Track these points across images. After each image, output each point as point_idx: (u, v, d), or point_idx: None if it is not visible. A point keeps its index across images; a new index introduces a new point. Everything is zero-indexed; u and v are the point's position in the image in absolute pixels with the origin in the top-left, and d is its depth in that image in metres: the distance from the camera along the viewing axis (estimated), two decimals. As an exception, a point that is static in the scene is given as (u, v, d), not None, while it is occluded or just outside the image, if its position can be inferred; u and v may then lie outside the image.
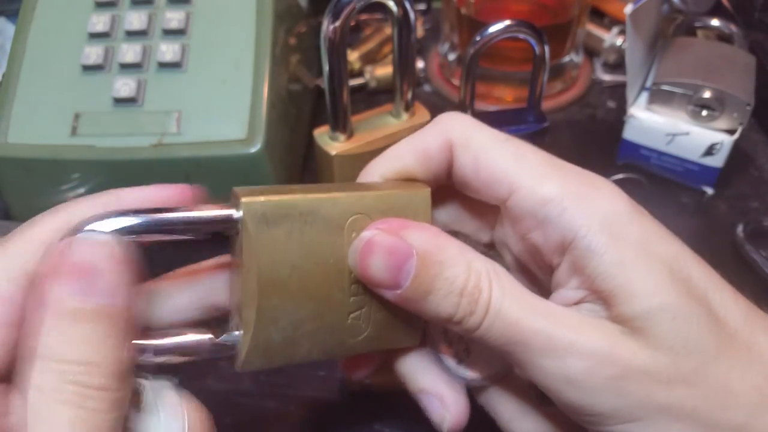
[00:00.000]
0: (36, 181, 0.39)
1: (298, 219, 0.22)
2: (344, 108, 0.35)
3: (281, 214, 0.21)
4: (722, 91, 0.41)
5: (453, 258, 0.21)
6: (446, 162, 0.24)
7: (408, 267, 0.21)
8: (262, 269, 0.21)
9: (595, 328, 0.21)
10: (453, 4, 0.51)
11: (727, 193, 0.45)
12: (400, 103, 0.37)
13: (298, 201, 0.22)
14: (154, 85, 0.39)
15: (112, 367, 0.18)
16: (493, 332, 0.21)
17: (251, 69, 0.39)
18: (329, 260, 0.22)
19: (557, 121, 0.52)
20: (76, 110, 0.38)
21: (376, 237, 0.22)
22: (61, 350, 0.17)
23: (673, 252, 0.21)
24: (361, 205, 0.23)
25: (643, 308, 0.20)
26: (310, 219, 0.22)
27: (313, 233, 0.22)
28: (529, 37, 0.36)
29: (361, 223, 0.22)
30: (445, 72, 0.55)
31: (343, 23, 0.32)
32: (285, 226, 0.21)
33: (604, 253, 0.21)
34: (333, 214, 0.22)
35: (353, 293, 0.23)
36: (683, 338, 0.20)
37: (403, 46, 0.35)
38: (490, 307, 0.21)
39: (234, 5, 0.40)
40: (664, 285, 0.20)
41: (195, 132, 0.38)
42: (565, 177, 0.22)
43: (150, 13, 0.40)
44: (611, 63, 0.56)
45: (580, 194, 0.22)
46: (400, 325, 0.24)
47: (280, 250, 0.21)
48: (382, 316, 0.23)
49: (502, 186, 0.23)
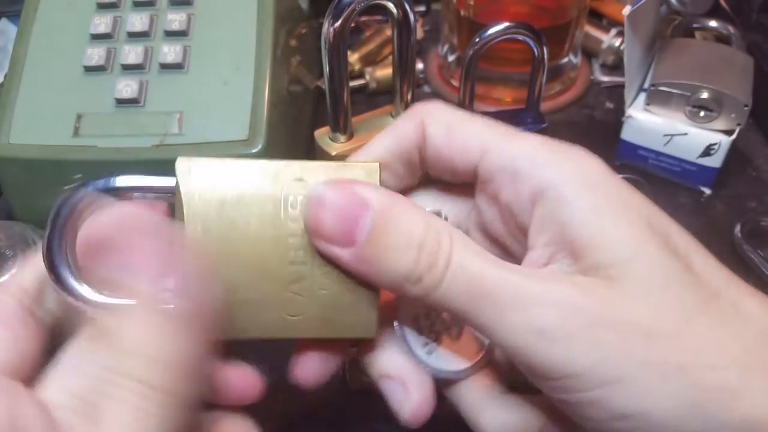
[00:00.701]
0: (38, 182, 0.39)
1: (232, 181, 0.21)
2: (345, 109, 0.35)
3: (214, 175, 0.21)
4: (720, 92, 0.41)
5: (410, 211, 0.20)
6: (422, 142, 0.23)
7: (364, 221, 0.20)
8: (192, 229, 0.21)
9: (565, 279, 0.19)
10: (452, 5, 0.51)
11: (725, 194, 0.45)
12: (399, 104, 0.38)
13: (232, 164, 0.21)
14: (156, 86, 0.39)
15: (174, 364, 0.19)
16: (454, 288, 0.19)
17: (252, 70, 0.39)
18: (266, 225, 0.21)
19: (556, 122, 0.52)
20: (78, 111, 0.39)
21: (329, 191, 0.21)
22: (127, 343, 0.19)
23: (651, 210, 0.20)
24: (300, 171, 0.22)
25: (618, 256, 0.19)
26: (245, 182, 0.21)
27: (248, 197, 0.21)
28: (527, 39, 0.37)
29: (301, 189, 0.22)
30: (444, 73, 0.56)
31: (343, 25, 0.32)
32: (218, 187, 0.21)
33: (576, 202, 0.20)
34: (269, 178, 0.22)
35: (292, 260, 0.22)
36: (662, 289, 0.18)
37: (402, 48, 0.35)
38: (452, 261, 0.19)
39: (235, 7, 0.40)
40: (641, 235, 0.19)
41: (196, 133, 0.38)
42: (538, 139, 0.22)
43: (152, 15, 0.40)
44: (609, 64, 0.56)
45: (552, 150, 0.21)
46: (350, 308, 0.22)
47: (212, 211, 0.21)
48: (328, 294, 0.22)
49: (473, 149, 0.22)
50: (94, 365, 0.19)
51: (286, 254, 0.22)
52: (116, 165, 0.38)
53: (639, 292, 0.18)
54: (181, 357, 0.19)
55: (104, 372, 0.18)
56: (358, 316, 0.22)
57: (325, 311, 0.22)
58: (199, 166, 0.21)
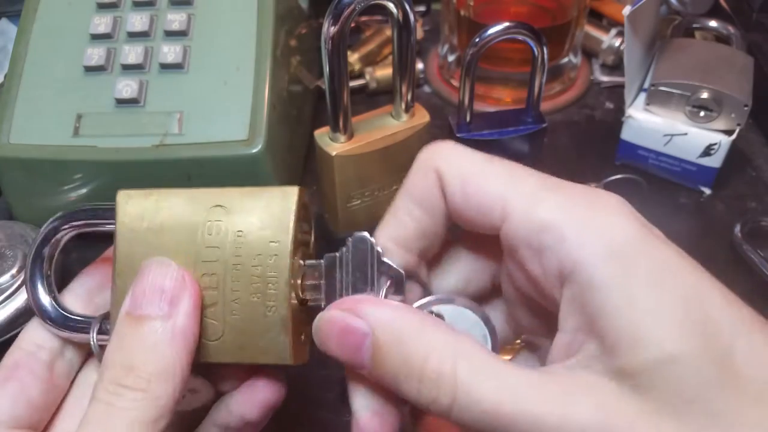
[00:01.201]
0: (38, 182, 0.39)
1: (160, 210, 0.23)
2: (345, 109, 0.35)
3: (146, 205, 0.23)
4: (720, 92, 0.41)
5: (409, 335, 0.19)
6: (441, 201, 0.22)
7: (366, 347, 0.20)
8: (121, 252, 0.23)
9: (589, 396, 0.18)
10: (452, 5, 0.51)
11: (725, 194, 0.45)
12: (399, 104, 0.38)
13: (165, 193, 0.23)
14: (156, 86, 0.39)
15: (151, 369, 0.20)
16: (467, 418, 0.18)
17: (252, 70, 0.39)
18: (182, 251, 0.23)
19: (556, 122, 0.52)
20: (78, 111, 0.39)
21: (331, 315, 0.21)
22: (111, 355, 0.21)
23: (690, 285, 0.18)
24: (219, 197, 0.23)
25: (649, 359, 0.17)
26: (170, 210, 0.23)
27: (169, 224, 0.23)
28: (527, 39, 0.37)
29: (219, 215, 0.23)
30: (444, 73, 0.56)
31: (343, 25, 0.32)
32: (147, 217, 0.23)
33: (608, 289, 0.18)
34: (191, 206, 0.23)
35: (206, 285, 0.23)
36: (692, 398, 0.17)
37: (402, 48, 0.35)
38: (458, 391, 0.18)
39: (235, 7, 0.40)
40: (676, 330, 0.17)
41: (196, 133, 0.38)
42: (564, 197, 0.20)
43: (152, 15, 0.40)
44: (609, 64, 0.56)
45: (581, 217, 0.19)
46: (262, 334, 0.23)
47: (138, 238, 0.23)
48: (239, 319, 0.23)
49: (494, 211, 0.20)
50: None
51: (200, 279, 0.23)
52: (116, 165, 0.38)
53: (667, 405, 0.17)
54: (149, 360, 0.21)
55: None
56: (270, 342, 0.23)
57: (238, 336, 0.23)
58: (136, 196, 0.24)
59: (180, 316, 0.21)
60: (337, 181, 0.37)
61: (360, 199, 0.39)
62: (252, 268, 0.23)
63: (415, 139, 0.38)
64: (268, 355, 0.23)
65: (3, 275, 0.37)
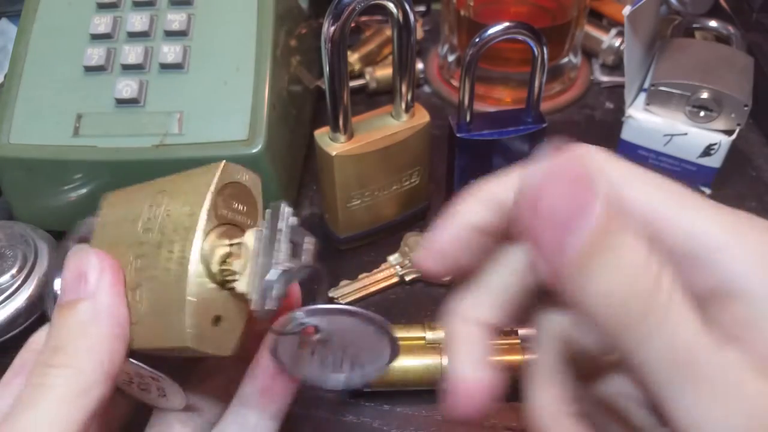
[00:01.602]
0: (38, 182, 0.39)
1: (122, 204, 0.25)
2: (345, 109, 0.35)
3: (116, 201, 0.25)
4: (720, 92, 0.41)
5: (634, 227, 0.16)
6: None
7: (590, 209, 0.15)
8: (93, 246, 0.24)
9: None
10: (452, 5, 0.51)
11: (725, 194, 0.45)
12: (399, 104, 0.38)
13: (131, 189, 0.25)
14: (156, 86, 0.39)
15: (76, 346, 0.21)
16: (656, 351, 0.15)
17: (252, 70, 0.39)
18: (126, 238, 0.23)
19: (556, 122, 0.52)
20: (79, 111, 0.39)
21: (562, 161, 0.16)
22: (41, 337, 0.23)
23: None
24: (163, 184, 0.24)
25: None
26: (127, 203, 0.25)
27: (121, 215, 0.24)
28: (527, 39, 0.37)
29: (160, 200, 0.23)
30: (444, 73, 0.56)
31: (343, 25, 0.32)
32: (112, 211, 0.25)
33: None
34: (141, 196, 0.24)
35: (137, 268, 0.23)
36: None
37: (402, 48, 0.35)
38: (671, 312, 0.15)
39: (235, 7, 0.40)
40: None
41: (197, 132, 0.38)
42: (716, 207, 0.17)
43: (152, 15, 0.40)
44: (609, 64, 0.57)
45: (738, 229, 0.17)
46: (169, 316, 0.22)
47: (105, 230, 0.25)
48: (154, 299, 0.22)
49: (636, 217, 0.17)
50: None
51: (135, 262, 0.23)
52: (116, 165, 0.38)
53: None
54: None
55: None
56: (173, 323, 0.21)
57: (153, 319, 0.22)
58: (109, 196, 0.26)
59: (101, 295, 0.22)
60: (337, 181, 0.37)
61: (360, 199, 0.39)
62: (170, 245, 0.22)
63: (415, 139, 0.38)
64: (172, 338, 0.21)
65: (3, 275, 0.37)
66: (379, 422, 0.33)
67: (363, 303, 0.39)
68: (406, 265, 0.40)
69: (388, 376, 0.33)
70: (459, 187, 0.42)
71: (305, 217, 0.44)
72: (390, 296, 0.39)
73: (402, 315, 0.38)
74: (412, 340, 0.34)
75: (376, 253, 0.41)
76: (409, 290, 0.40)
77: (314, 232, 0.43)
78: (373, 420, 0.33)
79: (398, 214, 0.42)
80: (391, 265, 0.40)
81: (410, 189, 0.41)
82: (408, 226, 0.43)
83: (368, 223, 0.41)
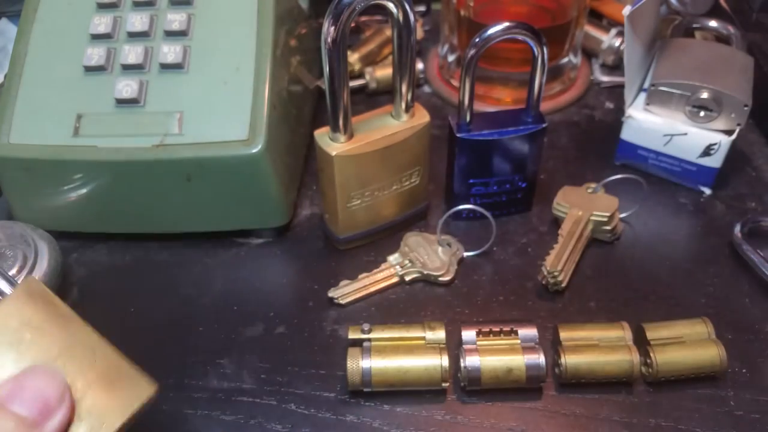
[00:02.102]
0: (38, 182, 0.39)
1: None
2: (345, 109, 0.35)
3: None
4: (720, 92, 0.41)
5: None
6: None
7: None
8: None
9: None
10: (452, 5, 0.51)
11: (725, 194, 0.45)
12: (399, 104, 0.38)
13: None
14: (156, 86, 0.39)
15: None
16: None
17: (252, 70, 0.39)
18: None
19: (556, 122, 0.52)
20: (78, 111, 0.39)
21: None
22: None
23: None
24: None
25: None
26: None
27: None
28: (527, 39, 0.37)
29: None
30: (444, 73, 0.56)
31: (343, 25, 0.32)
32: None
33: None
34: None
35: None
36: None
37: (402, 48, 0.35)
38: None
39: (235, 7, 0.40)
40: None
41: (197, 133, 0.38)
42: None
43: (152, 15, 0.40)
44: (609, 64, 0.57)
45: None
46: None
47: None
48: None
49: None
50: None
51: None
52: (116, 165, 0.38)
53: None
54: None
55: None
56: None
57: None
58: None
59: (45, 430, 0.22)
60: (337, 181, 0.37)
61: (360, 199, 0.39)
62: None
63: (415, 139, 0.38)
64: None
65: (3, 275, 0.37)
66: (379, 422, 0.33)
67: (363, 303, 0.39)
68: (406, 265, 0.40)
69: (389, 376, 0.33)
70: (459, 187, 0.42)
71: (305, 217, 0.44)
72: (390, 296, 0.39)
73: (402, 315, 0.38)
74: (412, 340, 0.34)
75: (376, 253, 0.41)
76: (409, 290, 0.40)
77: (314, 232, 0.43)
78: (373, 420, 0.33)
79: (398, 214, 0.42)
80: (391, 265, 0.40)
81: (410, 189, 0.41)
82: (408, 226, 0.43)
83: (368, 223, 0.41)
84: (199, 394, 0.34)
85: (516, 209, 0.44)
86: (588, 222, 0.41)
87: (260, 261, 0.41)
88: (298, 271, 0.41)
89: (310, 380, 0.35)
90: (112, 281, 0.41)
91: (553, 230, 0.42)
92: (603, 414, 0.33)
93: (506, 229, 0.43)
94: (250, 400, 0.34)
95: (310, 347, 0.36)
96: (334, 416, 0.33)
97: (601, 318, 0.37)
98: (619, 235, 0.42)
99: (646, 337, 0.34)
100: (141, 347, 0.36)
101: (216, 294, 0.39)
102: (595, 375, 0.33)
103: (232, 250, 0.42)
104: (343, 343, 0.36)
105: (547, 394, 0.34)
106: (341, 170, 0.37)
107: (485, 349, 0.33)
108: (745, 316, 0.37)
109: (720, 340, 0.34)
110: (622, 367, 0.33)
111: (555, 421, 0.33)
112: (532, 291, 0.39)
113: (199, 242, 0.42)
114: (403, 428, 0.33)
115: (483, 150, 0.40)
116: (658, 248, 0.41)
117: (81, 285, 0.40)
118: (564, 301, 0.39)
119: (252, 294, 0.39)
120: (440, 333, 0.34)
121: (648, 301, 0.38)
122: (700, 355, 0.33)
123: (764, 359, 0.35)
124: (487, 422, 0.33)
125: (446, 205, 0.44)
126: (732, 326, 0.37)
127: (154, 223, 0.42)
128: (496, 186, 0.42)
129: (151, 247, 0.42)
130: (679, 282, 0.39)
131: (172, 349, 0.36)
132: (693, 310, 0.37)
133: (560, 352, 0.33)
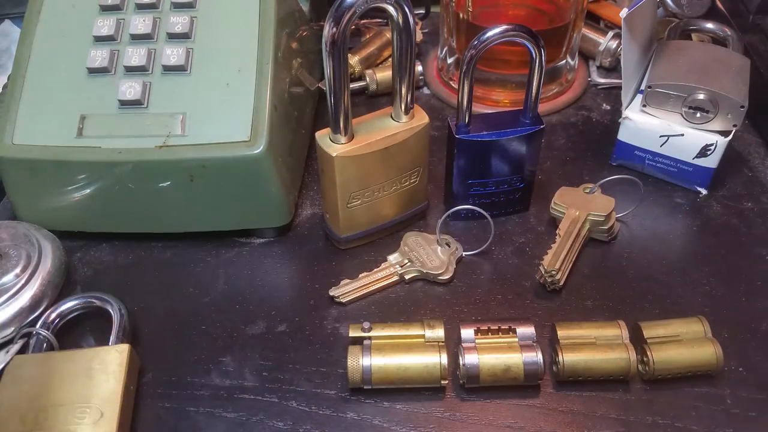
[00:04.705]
0: (42, 182, 0.40)
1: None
2: (345, 110, 0.36)
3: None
4: (716, 93, 0.42)
5: None
6: None
7: None
8: None
9: None
10: (451, 8, 0.52)
11: (721, 194, 0.46)
12: (399, 106, 0.38)
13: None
14: (159, 87, 0.39)
15: None
16: None
17: (254, 72, 0.39)
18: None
19: (553, 123, 0.52)
20: (82, 112, 0.39)
21: None
22: None
23: None
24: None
25: None
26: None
27: None
28: (525, 41, 0.37)
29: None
30: (443, 75, 0.56)
31: (344, 28, 0.33)
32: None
33: None
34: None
35: None
36: None
37: (402, 50, 0.36)
38: None
39: (237, 10, 0.41)
40: None
41: (199, 134, 0.38)
42: None
43: (154, 17, 0.41)
44: (606, 66, 0.57)
45: None
46: None
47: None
48: None
49: None
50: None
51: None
52: (119, 166, 0.38)
53: None
54: None
55: None
56: None
57: None
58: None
59: None
60: (338, 182, 0.38)
61: (360, 199, 0.40)
62: None
63: (414, 140, 0.39)
64: None
65: (7, 275, 0.37)
66: (379, 419, 0.33)
67: (363, 301, 0.39)
68: (405, 265, 0.40)
69: (388, 374, 0.33)
70: (458, 188, 0.42)
71: (307, 217, 0.45)
72: (390, 295, 0.40)
73: (402, 313, 0.38)
74: (412, 338, 0.34)
75: (377, 252, 0.42)
76: (409, 289, 0.40)
77: (315, 232, 0.44)
78: (374, 417, 0.33)
79: (398, 214, 0.42)
80: (391, 264, 0.41)
81: (410, 189, 0.41)
82: (408, 226, 0.43)
83: (368, 222, 0.41)
84: (201, 391, 0.35)
85: (514, 209, 0.44)
86: (585, 222, 0.41)
87: (262, 260, 0.42)
88: (300, 271, 0.41)
89: (311, 378, 0.35)
90: (115, 280, 0.41)
91: (550, 230, 0.43)
92: (600, 411, 0.33)
93: (504, 228, 0.43)
94: (252, 397, 0.34)
95: (311, 345, 0.37)
96: (335, 413, 0.34)
97: (598, 316, 0.38)
98: (615, 235, 0.43)
99: (642, 335, 0.34)
100: (144, 345, 0.37)
101: (218, 293, 0.40)
102: (592, 373, 0.34)
103: (234, 249, 0.43)
104: (344, 341, 0.36)
105: (545, 392, 0.34)
106: (342, 171, 0.37)
107: (484, 347, 0.34)
108: (740, 314, 0.38)
109: (716, 339, 0.34)
110: (619, 365, 0.33)
111: (552, 418, 0.33)
112: (529, 290, 0.40)
113: (202, 242, 0.43)
114: (402, 425, 0.33)
115: (481, 151, 0.40)
116: (654, 248, 0.42)
117: (84, 284, 0.41)
118: (561, 299, 0.39)
119: (254, 293, 0.40)
120: (439, 331, 0.35)
121: (644, 299, 0.39)
122: (697, 354, 0.34)
123: (760, 357, 0.36)
124: (485, 419, 0.33)
125: (445, 205, 0.45)
126: (728, 325, 0.37)
127: (157, 223, 0.42)
128: (495, 186, 0.42)
129: (154, 246, 0.43)
130: (675, 281, 0.40)
131: (175, 347, 0.37)
132: (689, 309, 0.38)
133: (558, 350, 0.34)
